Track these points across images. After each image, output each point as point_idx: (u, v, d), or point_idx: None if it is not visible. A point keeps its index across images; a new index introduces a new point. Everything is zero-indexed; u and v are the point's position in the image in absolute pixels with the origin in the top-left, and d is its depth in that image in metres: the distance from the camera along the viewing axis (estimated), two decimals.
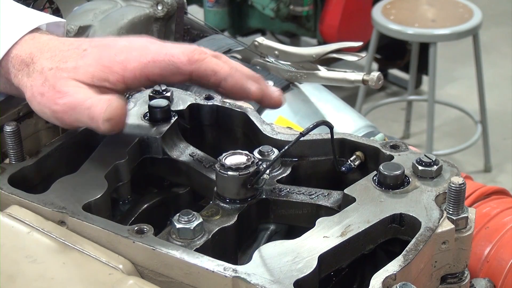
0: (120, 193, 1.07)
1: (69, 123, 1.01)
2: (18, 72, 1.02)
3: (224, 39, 1.76)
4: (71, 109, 0.99)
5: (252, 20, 4.43)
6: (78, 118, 0.99)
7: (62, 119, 1.01)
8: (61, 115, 1.00)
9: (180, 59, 1.00)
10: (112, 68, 1.00)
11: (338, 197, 1.00)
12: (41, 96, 1.00)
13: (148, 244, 0.89)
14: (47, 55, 1.02)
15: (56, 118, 1.01)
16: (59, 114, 1.00)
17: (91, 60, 1.01)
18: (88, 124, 0.99)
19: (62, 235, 0.93)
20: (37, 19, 1.08)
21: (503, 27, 5.54)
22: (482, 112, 4.08)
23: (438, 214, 0.93)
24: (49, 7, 1.58)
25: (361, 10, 4.14)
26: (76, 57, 1.01)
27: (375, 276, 0.84)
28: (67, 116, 1.00)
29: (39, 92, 1.00)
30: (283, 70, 1.62)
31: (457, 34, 3.76)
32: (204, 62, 1.01)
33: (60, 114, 1.00)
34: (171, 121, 1.11)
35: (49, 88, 1.00)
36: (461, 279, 0.96)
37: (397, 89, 4.86)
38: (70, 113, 0.99)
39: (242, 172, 0.98)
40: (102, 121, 0.97)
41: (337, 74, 1.57)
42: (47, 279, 0.87)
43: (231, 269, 0.86)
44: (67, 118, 1.00)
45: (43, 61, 1.02)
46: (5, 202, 0.97)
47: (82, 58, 1.01)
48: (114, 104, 0.97)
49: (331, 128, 1.02)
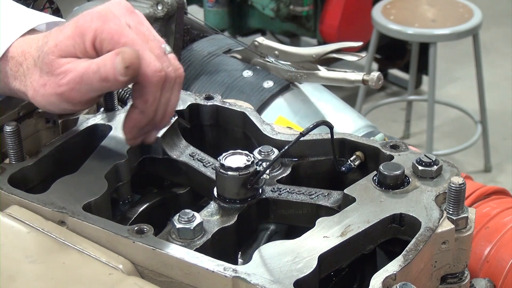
0: (120, 193, 1.07)
1: (81, 98, 0.99)
2: (16, 73, 1.02)
3: (224, 39, 1.76)
4: (78, 82, 0.97)
5: (252, 20, 4.42)
6: (89, 87, 0.97)
7: (72, 98, 0.98)
8: (70, 94, 0.98)
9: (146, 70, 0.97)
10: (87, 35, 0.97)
11: (338, 197, 1.00)
12: (43, 87, 0.99)
13: (148, 244, 0.89)
14: (34, 46, 1.02)
15: (66, 101, 0.99)
16: (68, 94, 0.98)
17: (69, 31, 0.99)
18: (102, 87, 0.97)
19: (62, 235, 0.93)
20: (35, 19, 1.07)
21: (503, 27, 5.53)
22: (482, 112, 4.08)
23: (438, 214, 0.93)
24: (49, 7, 1.58)
25: (361, 10, 4.14)
26: (56, 35, 1.00)
27: (375, 276, 0.84)
28: (76, 92, 0.97)
29: (41, 85, 0.99)
30: (283, 70, 1.62)
31: (457, 34, 3.76)
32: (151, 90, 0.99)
33: (68, 93, 0.98)
34: (171, 121, 1.11)
35: (47, 76, 0.98)
36: (461, 279, 0.96)
37: (397, 89, 4.85)
38: (78, 87, 0.97)
39: (242, 172, 0.98)
40: (121, 71, 0.94)
41: (337, 74, 1.57)
42: (47, 279, 0.87)
43: (231, 269, 0.86)
44: (77, 94, 0.98)
45: (32, 53, 1.01)
46: (5, 202, 0.97)
47: (60, 32, 0.99)
48: (126, 51, 0.95)
49: (331, 128, 1.02)
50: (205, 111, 1.17)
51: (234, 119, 1.15)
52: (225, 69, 1.65)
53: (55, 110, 1.03)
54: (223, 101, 1.17)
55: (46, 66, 0.98)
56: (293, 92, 1.62)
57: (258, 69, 1.65)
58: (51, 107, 1.01)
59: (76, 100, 0.99)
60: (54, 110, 1.03)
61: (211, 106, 1.16)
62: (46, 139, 1.13)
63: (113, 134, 1.09)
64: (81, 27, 0.98)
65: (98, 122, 1.12)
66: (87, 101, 1.00)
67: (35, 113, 1.14)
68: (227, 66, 1.66)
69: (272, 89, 1.60)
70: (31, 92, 1.01)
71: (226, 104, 1.16)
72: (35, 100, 1.01)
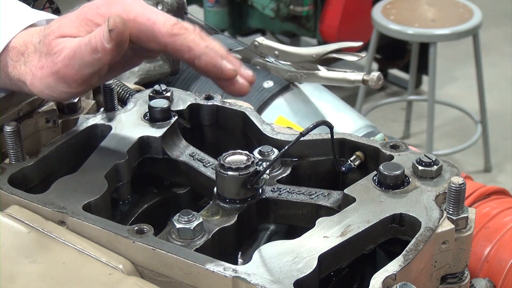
0: (120, 193, 1.07)
1: (75, 76, 0.98)
2: (16, 63, 1.02)
3: (224, 39, 1.76)
4: (72, 57, 0.97)
5: (252, 20, 4.42)
6: (82, 61, 0.97)
7: (67, 76, 0.98)
8: (65, 71, 0.98)
9: (160, 29, 0.99)
10: (94, 20, 0.99)
11: (338, 197, 1.00)
12: (41, 69, 0.99)
13: (148, 244, 0.89)
14: (36, 35, 1.02)
15: (62, 80, 0.99)
16: (63, 71, 0.98)
17: (74, 16, 1.00)
18: (93, 59, 0.96)
19: (62, 235, 0.93)
20: (36, 15, 1.08)
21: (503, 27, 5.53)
22: (482, 112, 4.08)
23: (438, 214, 0.93)
24: (49, 7, 1.58)
25: (361, 10, 4.14)
26: (59, 20, 1.01)
27: (375, 276, 0.84)
28: (70, 68, 0.97)
29: (39, 68, 0.99)
30: (283, 70, 1.62)
31: (457, 34, 3.76)
32: (181, 37, 1.00)
33: (64, 71, 0.98)
34: (171, 121, 1.11)
35: (45, 57, 0.99)
36: (461, 279, 0.96)
37: (397, 89, 4.86)
38: (72, 63, 0.97)
39: (242, 172, 0.98)
40: (106, 36, 0.94)
41: (337, 74, 1.57)
42: (47, 279, 0.87)
43: (231, 269, 0.86)
44: (71, 70, 0.97)
45: (34, 40, 1.02)
46: (5, 202, 0.97)
47: (64, 17, 1.01)
48: (111, 17, 0.95)
49: (331, 128, 1.02)
50: (205, 111, 1.17)
51: (234, 119, 1.15)
52: None
53: (53, 94, 1.02)
54: (223, 101, 1.17)
55: (45, 47, 0.99)
56: (293, 92, 1.62)
57: (258, 69, 1.65)
58: (48, 90, 1.01)
59: (71, 78, 0.98)
60: (52, 94, 1.02)
61: (211, 106, 1.16)
62: (46, 139, 1.14)
63: (113, 134, 1.09)
64: (87, 13, 1.00)
65: (98, 122, 1.12)
66: (81, 79, 0.99)
67: (35, 113, 1.14)
68: None
69: (272, 89, 1.60)
70: (29, 77, 1.01)
71: (226, 104, 1.16)
72: (33, 86, 1.01)
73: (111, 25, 0.95)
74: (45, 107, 1.15)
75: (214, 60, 1.01)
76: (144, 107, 1.14)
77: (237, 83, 1.03)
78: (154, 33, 0.99)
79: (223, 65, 1.01)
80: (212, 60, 1.01)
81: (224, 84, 1.03)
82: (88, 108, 1.21)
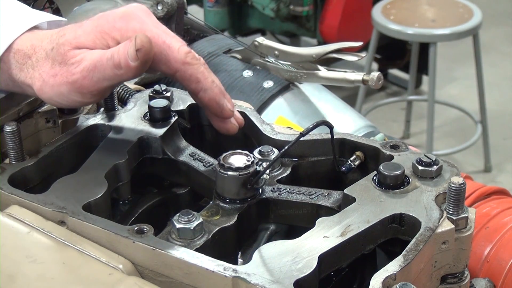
0: (120, 193, 1.07)
1: (92, 88, 0.99)
2: (23, 66, 1.02)
3: (224, 39, 1.76)
4: (91, 70, 0.98)
5: (252, 20, 4.42)
6: (101, 75, 0.97)
7: (83, 87, 0.98)
8: (82, 82, 0.98)
9: (174, 55, 1.00)
10: (111, 34, 0.99)
11: (338, 197, 1.00)
12: (54, 77, 0.99)
13: (148, 244, 0.89)
14: (46, 41, 1.02)
15: (77, 90, 0.99)
16: (80, 82, 0.98)
17: (90, 28, 1.00)
18: (114, 74, 0.97)
19: (62, 235, 0.93)
20: (39, 17, 1.08)
21: (503, 27, 5.53)
22: (482, 112, 4.08)
23: (438, 214, 0.93)
24: (49, 7, 1.58)
25: (361, 10, 4.14)
26: (74, 29, 1.01)
27: (375, 276, 0.84)
28: (88, 80, 0.98)
29: (51, 75, 0.99)
30: (283, 70, 1.62)
31: (457, 34, 3.76)
32: (193, 67, 1.01)
33: (81, 82, 0.98)
34: (171, 121, 1.11)
35: (60, 66, 0.99)
36: (461, 279, 0.96)
37: (397, 89, 4.86)
38: (91, 75, 0.98)
39: (242, 172, 0.98)
40: (133, 55, 0.95)
41: (337, 74, 1.57)
42: (47, 279, 0.87)
43: (231, 269, 0.86)
44: (89, 82, 0.98)
45: (45, 46, 1.02)
46: (5, 202, 0.97)
47: (80, 27, 1.01)
48: (139, 36, 0.96)
49: (331, 128, 1.02)
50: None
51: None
52: (225, 69, 1.65)
53: (62, 102, 1.02)
54: None
55: (60, 56, 0.99)
56: (293, 92, 1.62)
57: (258, 69, 1.65)
58: (58, 98, 1.01)
59: (87, 89, 0.99)
60: (61, 102, 1.02)
61: None
62: (46, 139, 1.14)
63: (113, 134, 1.09)
64: (103, 26, 1.00)
65: (98, 122, 1.12)
66: (97, 91, 1.00)
67: (35, 113, 1.14)
68: (227, 66, 1.66)
69: (272, 89, 1.60)
70: (39, 83, 1.01)
71: None
72: (42, 91, 1.01)
73: (138, 45, 0.95)
74: (45, 107, 1.15)
75: (218, 98, 1.04)
76: (144, 107, 1.14)
77: (229, 122, 1.07)
78: (168, 57, 1.00)
79: (224, 105, 1.05)
80: (216, 97, 1.04)
81: (218, 120, 1.07)
82: (88, 108, 1.21)
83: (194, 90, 1.03)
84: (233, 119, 1.07)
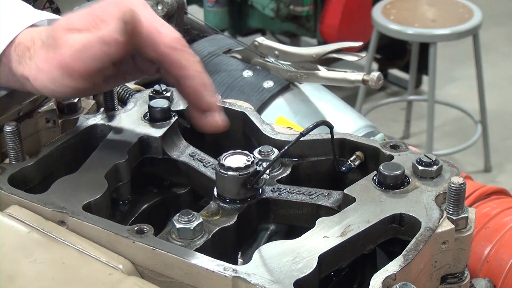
0: (120, 193, 1.07)
1: (82, 69, 0.98)
2: (22, 58, 1.02)
3: (224, 39, 1.76)
4: (80, 51, 0.98)
5: (252, 20, 4.42)
6: (90, 54, 0.97)
7: (73, 68, 0.98)
8: (72, 64, 0.98)
9: (163, 39, 1.00)
10: (103, 17, 0.99)
11: (338, 197, 1.00)
12: (47, 62, 0.99)
13: (148, 244, 0.89)
14: (44, 31, 1.03)
15: (68, 72, 0.99)
16: (70, 64, 0.98)
17: (83, 12, 1.01)
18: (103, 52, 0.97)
19: (62, 235, 0.93)
20: (40, 15, 1.09)
21: (503, 27, 5.53)
22: (482, 112, 4.08)
23: (438, 214, 0.93)
24: (49, 7, 1.58)
25: (361, 10, 4.14)
26: (67, 15, 1.02)
27: (375, 276, 0.84)
28: (78, 61, 0.98)
29: (44, 61, 1.00)
30: (283, 70, 1.62)
31: (457, 34, 3.76)
32: (180, 53, 1.01)
33: (71, 63, 0.98)
34: (171, 121, 1.11)
35: (53, 50, 0.99)
36: (461, 279, 0.96)
37: (397, 89, 4.86)
38: (80, 55, 0.98)
39: (242, 172, 0.98)
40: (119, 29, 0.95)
41: (337, 74, 1.57)
42: (47, 279, 0.87)
43: (231, 269, 0.86)
44: (80, 63, 0.98)
45: (42, 35, 1.02)
46: (5, 202, 0.97)
47: (73, 14, 1.02)
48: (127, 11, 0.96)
49: (331, 128, 1.02)
50: None
51: (234, 119, 1.15)
52: (225, 69, 1.65)
53: (56, 88, 1.01)
54: (223, 101, 1.17)
55: (53, 40, 0.99)
56: (293, 92, 1.62)
57: (258, 69, 1.65)
58: (52, 85, 1.01)
59: (77, 71, 0.99)
60: (55, 89, 1.01)
61: None
62: (46, 139, 1.14)
63: (113, 134, 1.09)
64: (96, 10, 1.00)
65: (98, 122, 1.12)
66: (87, 73, 0.99)
67: (35, 113, 1.14)
68: (227, 66, 1.66)
69: (272, 89, 1.60)
70: (34, 72, 1.01)
71: (226, 104, 1.16)
72: (36, 79, 1.01)
73: (125, 18, 0.96)
74: (45, 107, 1.15)
75: (200, 87, 1.03)
76: (144, 107, 1.14)
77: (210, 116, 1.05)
78: (157, 41, 1.00)
79: (205, 95, 1.03)
80: (198, 86, 1.03)
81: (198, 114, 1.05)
82: (88, 108, 1.21)
83: (177, 76, 1.02)
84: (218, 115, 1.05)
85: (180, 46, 1.01)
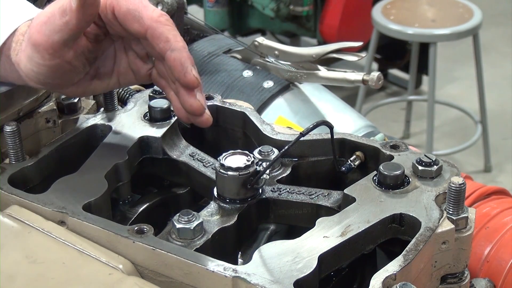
0: (120, 193, 1.07)
1: (45, 42, 0.98)
2: (17, 45, 1.02)
3: (224, 39, 1.76)
4: (44, 23, 0.98)
5: (252, 20, 4.42)
6: (52, 26, 0.97)
7: (39, 42, 0.98)
8: (37, 37, 0.98)
9: (148, 13, 1.00)
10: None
11: (338, 197, 1.00)
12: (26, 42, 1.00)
13: (148, 244, 0.89)
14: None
15: (36, 47, 0.99)
16: (35, 37, 0.98)
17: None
18: (62, 23, 0.97)
19: (62, 235, 0.93)
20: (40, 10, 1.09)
21: (503, 27, 5.53)
22: (482, 112, 4.08)
23: (438, 214, 0.93)
24: None
25: (361, 10, 4.14)
26: None
27: (375, 276, 0.84)
28: (42, 34, 0.98)
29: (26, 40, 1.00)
30: (283, 70, 1.62)
31: (457, 34, 3.76)
32: (165, 27, 1.01)
33: (36, 37, 0.98)
34: (171, 121, 1.11)
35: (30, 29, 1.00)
36: (461, 279, 0.96)
37: (397, 89, 4.85)
38: (43, 28, 0.98)
39: (242, 172, 0.98)
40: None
41: (337, 74, 1.57)
42: (47, 279, 0.87)
43: (231, 269, 0.86)
44: (43, 36, 0.98)
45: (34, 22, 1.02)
46: (5, 202, 0.97)
47: None
48: None
49: (331, 128, 1.02)
50: None
51: (234, 119, 1.15)
52: (225, 69, 1.65)
53: (32, 67, 1.01)
54: (223, 101, 1.17)
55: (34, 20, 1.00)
56: (293, 92, 1.62)
57: (258, 69, 1.65)
58: (29, 63, 1.00)
59: (42, 46, 0.98)
60: (32, 67, 1.01)
61: (211, 106, 1.16)
62: (46, 139, 1.14)
63: (113, 134, 1.09)
64: None
65: (98, 122, 1.12)
66: (51, 47, 0.99)
67: (35, 113, 1.14)
68: (227, 66, 1.66)
69: (272, 89, 1.60)
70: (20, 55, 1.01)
71: (226, 104, 1.16)
72: (20, 60, 1.01)
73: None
74: (45, 107, 1.15)
75: (184, 60, 1.01)
76: (144, 107, 1.14)
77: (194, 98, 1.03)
78: (141, 14, 1.00)
79: (189, 69, 1.01)
80: (182, 60, 1.01)
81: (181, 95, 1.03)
82: (88, 108, 1.21)
83: (161, 49, 1.01)
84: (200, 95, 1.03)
85: (164, 20, 1.01)
